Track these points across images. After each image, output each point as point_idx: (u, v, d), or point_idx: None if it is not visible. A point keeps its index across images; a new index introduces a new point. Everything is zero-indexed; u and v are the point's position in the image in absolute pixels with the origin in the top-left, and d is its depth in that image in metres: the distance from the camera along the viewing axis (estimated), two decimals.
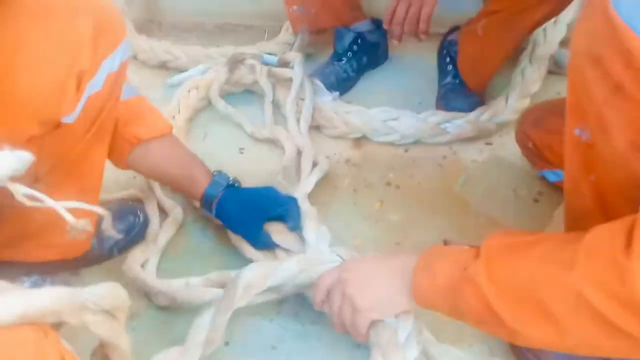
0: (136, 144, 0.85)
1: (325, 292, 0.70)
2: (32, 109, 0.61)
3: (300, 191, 1.01)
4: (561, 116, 0.58)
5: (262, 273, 0.76)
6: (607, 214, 0.54)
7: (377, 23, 1.33)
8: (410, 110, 1.20)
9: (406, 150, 1.18)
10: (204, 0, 1.59)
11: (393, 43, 1.29)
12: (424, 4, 1.08)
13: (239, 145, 1.21)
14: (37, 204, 0.49)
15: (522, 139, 1.00)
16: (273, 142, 1.19)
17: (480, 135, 1.19)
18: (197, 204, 0.97)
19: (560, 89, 1.26)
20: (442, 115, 1.19)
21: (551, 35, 1.29)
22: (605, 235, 0.45)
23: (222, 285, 0.82)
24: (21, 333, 0.42)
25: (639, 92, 0.43)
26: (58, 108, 0.63)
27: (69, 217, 0.50)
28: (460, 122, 1.17)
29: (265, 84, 1.25)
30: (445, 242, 0.70)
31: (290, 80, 1.24)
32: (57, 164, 0.75)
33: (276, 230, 0.91)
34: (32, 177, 0.66)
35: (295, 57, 1.27)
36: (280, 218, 0.92)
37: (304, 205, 0.97)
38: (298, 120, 1.19)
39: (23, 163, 0.46)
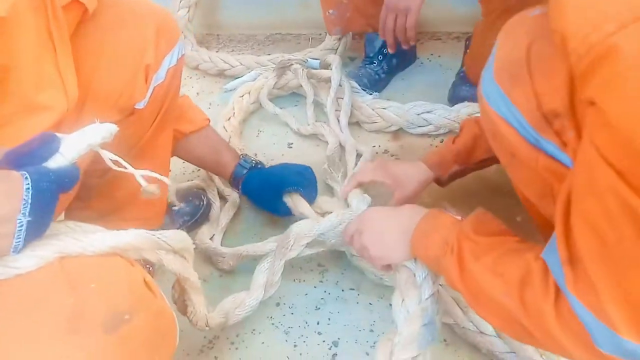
0: (180, 138, 1.01)
1: (350, 237, 0.84)
2: (113, 99, 0.76)
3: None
4: None
5: (308, 226, 0.90)
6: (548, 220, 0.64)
7: None
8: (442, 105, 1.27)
9: (441, 141, 1.26)
10: (256, 14, 1.76)
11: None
12: (407, 14, 1.14)
13: (288, 141, 1.34)
14: (120, 169, 0.59)
15: None
16: (317, 137, 1.31)
17: None
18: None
19: None
20: (474, 106, 1.25)
21: None
22: (531, 279, 0.56)
23: None
24: (114, 259, 0.56)
25: (528, 161, 0.53)
26: (132, 96, 0.78)
27: (142, 182, 0.60)
28: None
29: (306, 85, 1.37)
30: (444, 208, 0.79)
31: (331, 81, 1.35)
32: (129, 150, 0.90)
33: (294, 201, 1.02)
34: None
35: (334, 59, 1.38)
36: (297, 186, 1.03)
37: (355, 190, 1.07)
38: (338, 117, 1.31)
39: (110, 132, 0.58)
